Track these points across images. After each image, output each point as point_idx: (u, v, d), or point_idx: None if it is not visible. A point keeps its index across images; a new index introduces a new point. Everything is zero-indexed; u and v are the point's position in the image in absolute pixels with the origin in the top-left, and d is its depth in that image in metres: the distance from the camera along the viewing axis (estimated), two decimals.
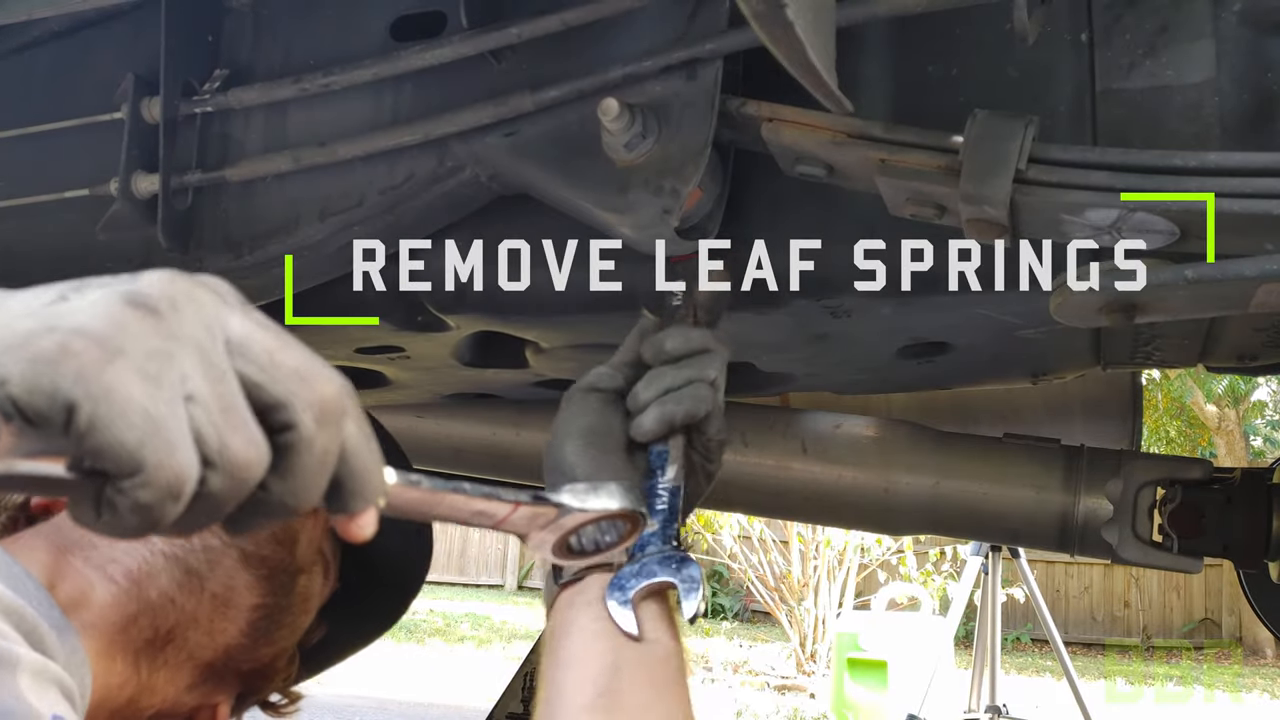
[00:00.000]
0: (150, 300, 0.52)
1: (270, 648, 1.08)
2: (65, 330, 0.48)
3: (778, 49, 0.83)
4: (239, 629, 1.03)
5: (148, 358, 0.50)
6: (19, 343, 0.48)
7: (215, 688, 1.07)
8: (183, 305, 0.53)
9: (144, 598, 0.96)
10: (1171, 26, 1.10)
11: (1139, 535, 1.68)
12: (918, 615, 8.09)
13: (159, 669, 0.99)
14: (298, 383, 0.55)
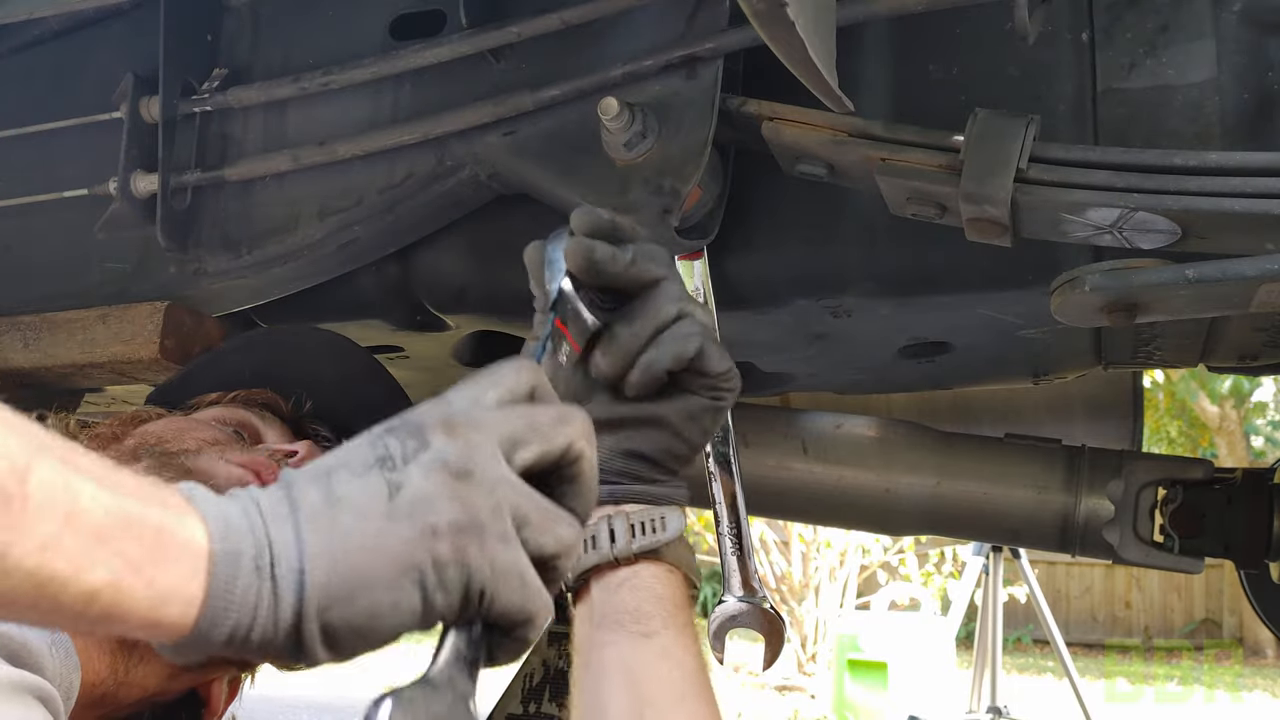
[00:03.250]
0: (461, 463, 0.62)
1: None
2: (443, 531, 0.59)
3: (778, 48, 0.83)
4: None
5: (494, 519, 0.61)
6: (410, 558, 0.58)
7: (202, 673, 1.07)
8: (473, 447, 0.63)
9: None
10: (1172, 26, 1.09)
11: (1140, 535, 1.67)
12: (918, 616, 8.10)
13: (136, 664, 0.99)
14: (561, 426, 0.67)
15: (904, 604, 8.71)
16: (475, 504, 0.61)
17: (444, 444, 0.62)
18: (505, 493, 0.63)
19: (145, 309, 1.39)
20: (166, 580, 0.53)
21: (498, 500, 0.62)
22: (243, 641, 0.55)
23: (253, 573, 0.55)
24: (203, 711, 1.11)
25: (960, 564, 8.20)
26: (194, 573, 0.54)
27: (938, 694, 6.74)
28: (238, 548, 0.55)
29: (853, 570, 9.65)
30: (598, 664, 0.85)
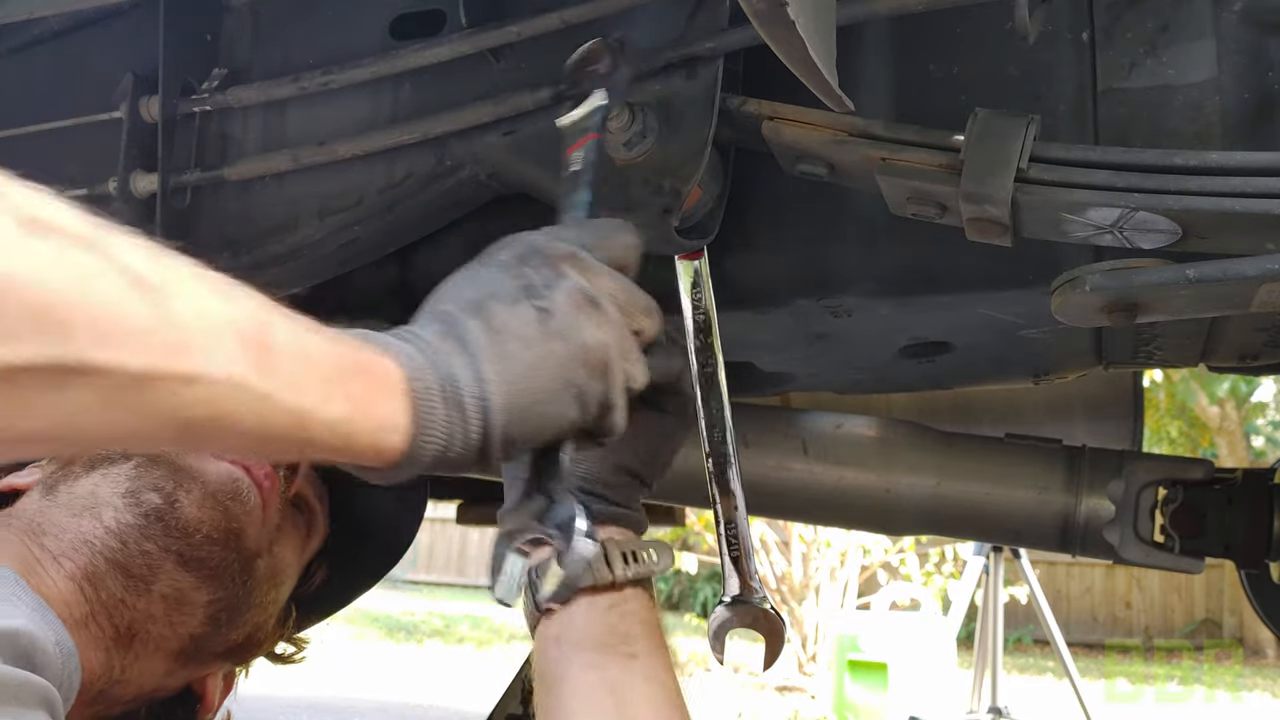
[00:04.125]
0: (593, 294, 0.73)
1: (241, 629, 1.09)
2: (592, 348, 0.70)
3: (778, 47, 0.83)
4: (198, 621, 1.04)
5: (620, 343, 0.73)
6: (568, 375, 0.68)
7: (197, 668, 1.08)
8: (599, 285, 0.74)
9: (96, 598, 0.98)
10: (1172, 26, 1.09)
11: (1140, 535, 1.67)
12: (919, 616, 8.09)
13: (131, 663, 1.00)
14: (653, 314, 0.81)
15: (904, 604, 8.70)
16: (608, 330, 0.72)
17: (576, 276, 0.73)
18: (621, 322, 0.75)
19: None
20: (383, 412, 0.62)
21: (619, 335, 0.73)
22: (441, 460, 0.65)
23: (442, 403, 0.64)
24: (198, 707, 1.12)
25: (960, 564, 8.20)
26: (402, 406, 0.63)
27: (938, 694, 6.74)
28: (428, 383, 0.64)
29: (853, 570, 9.65)
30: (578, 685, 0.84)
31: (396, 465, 0.64)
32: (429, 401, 0.64)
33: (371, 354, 0.63)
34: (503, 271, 0.72)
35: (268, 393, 0.55)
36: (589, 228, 0.82)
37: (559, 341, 0.69)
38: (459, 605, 14.48)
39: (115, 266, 0.51)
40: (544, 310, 0.69)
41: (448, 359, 0.66)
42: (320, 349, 0.59)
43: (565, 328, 0.70)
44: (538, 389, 0.68)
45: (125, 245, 0.53)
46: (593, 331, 0.71)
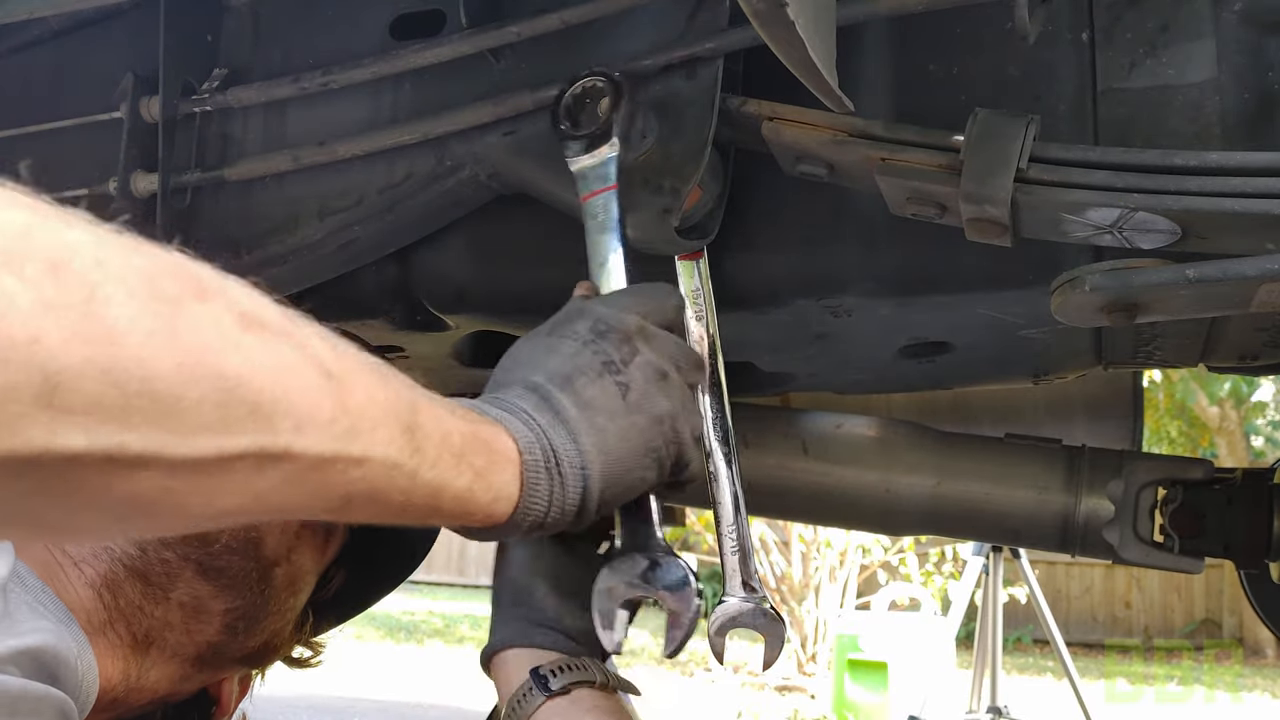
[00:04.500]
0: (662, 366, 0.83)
1: (258, 636, 1.09)
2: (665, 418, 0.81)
3: (778, 47, 0.83)
4: (215, 629, 1.04)
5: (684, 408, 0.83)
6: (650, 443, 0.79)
7: (213, 673, 1.08)
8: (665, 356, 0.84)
9: (114, 605, 0.98)
10: (1172, 26, 1.09)
11: (1140, 535, 1.67)
12: (918, 616, 8.09)
13: (148, 669, 1.00)
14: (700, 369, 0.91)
15: (904, 604, 8.69)
16: (675, 397, 0.82)
17: (647, 351, 0.82)
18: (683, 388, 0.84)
19: None
20: (499, 482, 0.70)
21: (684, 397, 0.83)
22: (539, 525, 0.74)
23: (546, 474, 0.73)
24: (213, 710, 1.12)
25: (960, 564, 8.20)
26: (513, 477, 0.71)
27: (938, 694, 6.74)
28: (536, 456, 0.72)
29: (853, 570, 9.65)
30: None
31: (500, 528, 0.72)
32: (535, 473, 0.72)
33: (491, 430, 0.71)
34: (583, 347, 0.81)
35: (415, 469, 0.62)
36: (642, 296, 0.92)
37: (639, 414, 0.79)
38: (459, 605, 14.48)
39: (309, 360, 0.55)
40: (624, 385, 0.79)
41: (549, 432, 0.74)
42: (454, 427, 0.67)
43: (642, 400, 0.80)
44: (626, 457, 0.77)
45: (314, 337, 0.58)
46: (663, 402, 0.81)
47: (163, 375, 0.46)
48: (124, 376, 0.45)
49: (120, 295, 0.46)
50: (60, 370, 0.43)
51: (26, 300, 0.42)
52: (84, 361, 0.43)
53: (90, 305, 0.44)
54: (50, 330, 0.42)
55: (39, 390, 0.42)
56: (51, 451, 0.43)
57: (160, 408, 0.46)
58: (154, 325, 0.46)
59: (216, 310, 0.50)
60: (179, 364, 0.47)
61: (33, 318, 0.42)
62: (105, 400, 0.44)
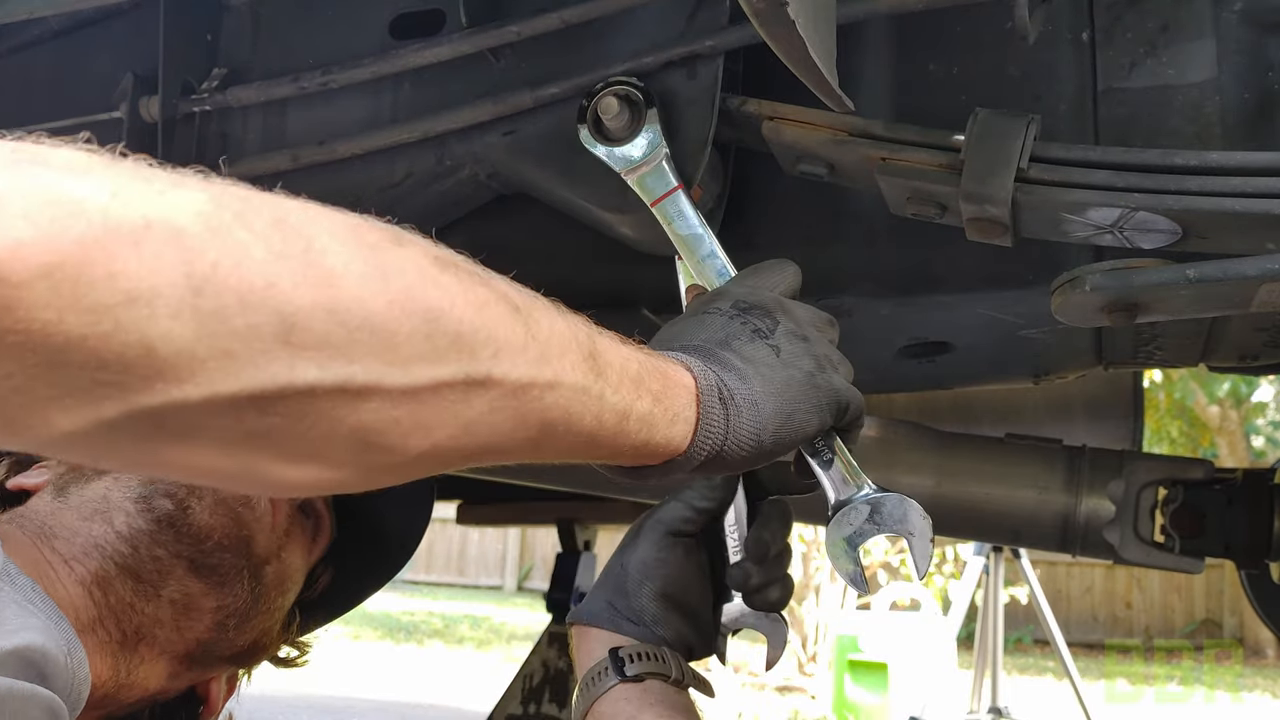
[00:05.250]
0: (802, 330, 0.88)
1: (248, 634, 1.09)
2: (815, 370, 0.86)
3: (778, 47, 0.83)
4: (206, 626, 1.04)
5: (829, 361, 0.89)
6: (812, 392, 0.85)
7: (201, 671, 1.08)
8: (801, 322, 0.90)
9: (105, 602, 0.98)
10: (1173, 26, 1.09)
11: (1141, 535, 1.67)
12: (919, 616, 8.09)
13: (137, 666, 1.00)
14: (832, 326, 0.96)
15: (904, 604, 8.69)
16: (819, 353, 0.88)
17: (786, 320, 0.88)
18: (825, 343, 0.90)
19: None
20: (676, 406, 0.73)
21: (825, 350, 0.89)
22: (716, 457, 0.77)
23: (720, 403, 0.76)
24: (201, 709, 1.12)
25: (960, 564, 8.20)
26: (689, 402, 0.75)
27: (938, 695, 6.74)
28: (711, 383, 0.76)
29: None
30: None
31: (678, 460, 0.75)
32: (710, 399, 0.76)
33: (666, 362, 0.75)
34: (731, 320, 0.87)
35: (601, 392, 0.66)
36: (766, 273, 0.98)
37: (794, 369, 0.84)
38: (459, 605, 14.48)
39: (498, 294, 0.61)
40: (774, 347, 0.85)
41: (721, 372, 0.79)
42: (630, 355, 0.71)
43: (792, 358, 0.85)
44: (793, 401, 0.82)
45: (497, 276, 0.63)
46: (809, 361, 0.86)
47: (378, 312, 0.51)
48: (346, 315, 0.50)
49: (334, 245, 0.51)
50: (294, 311, 0.48)
51: (260, 251, 0.47)
52: (312, 303, 0.49)
53: (309, 254, 0.50)
54: (283, 276, 0.48)
55: (277, 330, 0.48)
56: (293, 385, 0.49)
57: (378, 340, 0.51)
58: (365, 269, 0.52)
59: (414, 253, 0.55)
60: (390, 301, 0.52)
61: (267, 265, 0.47)
62: (333, 337, 0.50)
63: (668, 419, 0.73)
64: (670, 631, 1.07)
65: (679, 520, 1.10)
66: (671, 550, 1.09)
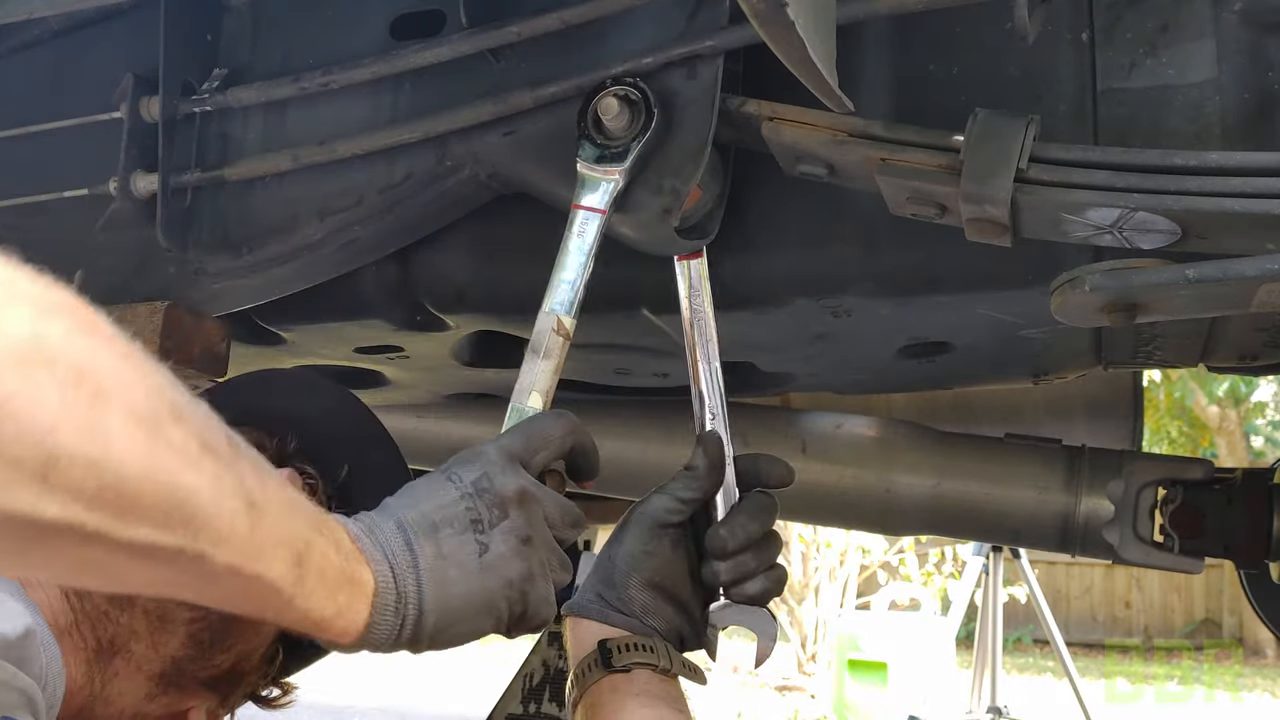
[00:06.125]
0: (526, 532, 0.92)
1: (226, 654, 1.09)
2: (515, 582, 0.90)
3: (778, 47, 0.83)
4: (180, 641, 1.05)
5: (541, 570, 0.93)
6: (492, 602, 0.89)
7: (179, 696, 1.08)
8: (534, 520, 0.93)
9: (81, 608, 1.00)
10: (1172, 26, 1.09)
11: (1140, 535, 1.67)
12: (918, 616, 8.09)
13: (111, 679, 1.01)
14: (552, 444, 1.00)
15: (904, 604, 8.69)
16: (532, 560, 0.91)
17: (517, 517, 0.92)
18: (548, 549, 0.94)
19: (145, 309, 1.39)
20: (353, 616, 0.81)
21: (543, 556, 0.93)
22: (378, 649, 0.84)
23: (392, 613, 0.83)
24: None
25: (960, 564, 8.20)
26: (365, 613, 0.82)
27: (938, 694, 6.74)
28: (387, 600, 0.83)
29: (853, 570, 9.65)
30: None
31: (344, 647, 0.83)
32: (383, 614, 0.83)
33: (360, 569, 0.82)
34: (460, 499, 0.91)
35: (292, 597, 0.73)
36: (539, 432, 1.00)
37: (490, 574, 0.89)
38: None
39: (242, 489, 0.66)
40: (483, 545, 0.89)
41: (404, 575, 0.85)
42: (334, 565, 0.78)
43: (496, 562, 0.89)
44: (465, 610, 0.88)
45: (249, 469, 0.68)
46: (518, 565, 0.90)
47: (132, 478, 0.57)
48: (104, 471, 0.55)
49: (121, 407, 0.56)
50: (60, 456, 0.53)
51: (53, 396, 0.52)
52: (80, 453, 0.53)
53: (94, 410, 0.54)
54: (65, 423, 0.52)
55: (38, 467, 0.52)
56: (29, 516, 0.53)
57: (122, 501, 0.57)
58: (138, 436, 0.57)
59: (185, 434, 0.61)
60: (146, 471, 0.58)
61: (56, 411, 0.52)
62: (85, 485, 0.54)
63: (343, 623, 0.80)
64: (660, 621, 1.09)
65: (664, 511, 1.10)
66: (658, 541, 1.10)
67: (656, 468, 1.93)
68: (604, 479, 1.09)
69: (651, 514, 1.11)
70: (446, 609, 0.86)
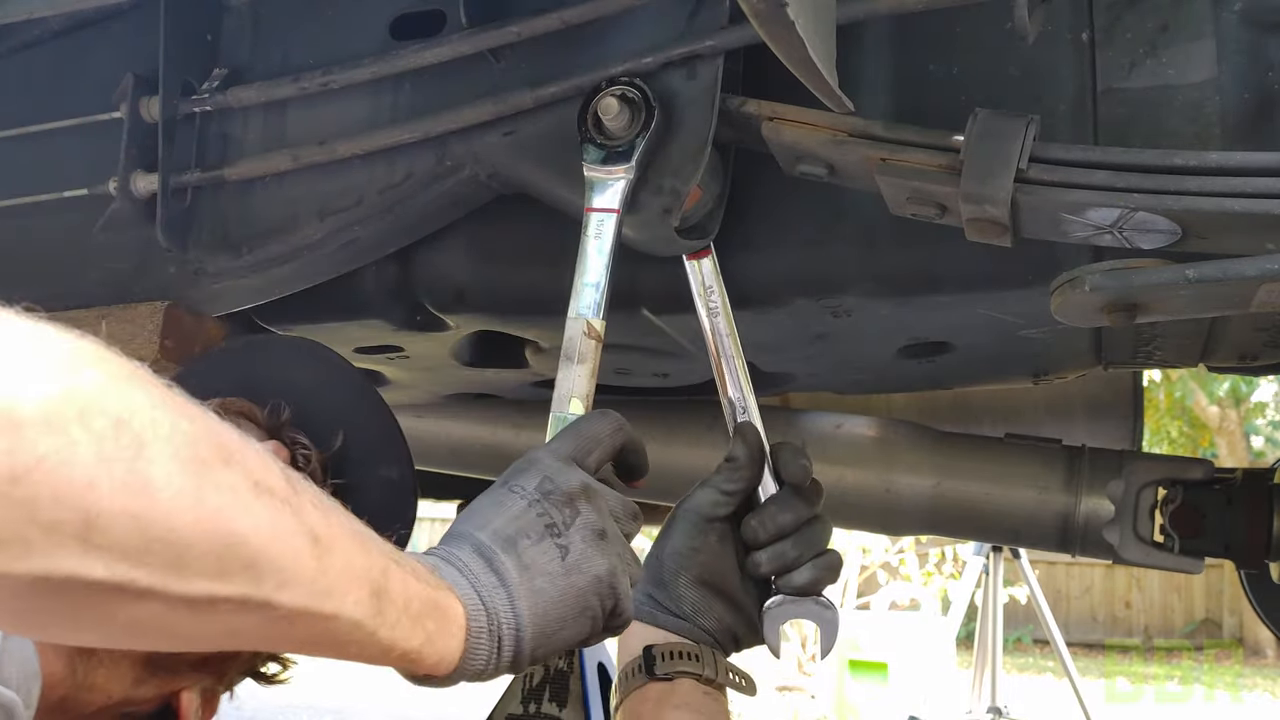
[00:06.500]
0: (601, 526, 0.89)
1: None
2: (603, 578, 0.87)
3: (778, 47, 0.83)
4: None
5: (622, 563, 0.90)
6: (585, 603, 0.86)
7: (168, 679, 1.05)
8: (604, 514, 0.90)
9: None
10: (1172, 26, 1.09)
11: (1140, 535, 1.67)
12: (918, 616, 8.09)
13: (95, 668, 0.98)
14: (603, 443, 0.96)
15: (904, 604, 8.69)
16: (612, 554, 0.89)
17: (588, 512, 0.89)
18: (621, 541, 0.91)
19: (145, 309, 1.39)
20: (445, 645, 0.77)
21: (620, 549, 0.90)
22: (479, 677, 0.81)
23: (488, 636, 0.80)
24: None
25: (960, 564, 8.19)
26: (459, 640, 0.78)
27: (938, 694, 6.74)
28: (481, 624, 0.79)
29: (853, 570, 9.64)
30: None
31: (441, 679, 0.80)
32: (478, 638, 0.79)
33: (445, 595, 0.78)
34: (529, 507, 0.87)
35: (374, 630, 0.69)
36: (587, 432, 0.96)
37: (578, 575, 0.86)
38: None
39: (303, 526, 0.63)
40: (564, 548, 0.86)
41: (492, 594, 0.81)
42: (416, 592, 0.74)
43: (581, 561, 0.86)
44: (561, 617, 0.84)
45: (309, 504, 0.65)
46: (601, 561, 0.87)
47: (180, 527, 0.54)
48: (149, 524, 0.53)
49: (163, 455, 0.54)
50: (100, 514, 0.51)
51: (89, 453, 0.50)
52: (121, 509, 0.51)
53: (136, 461, 0.52)
54: (102, 479, 0.50)
55: (79, 528, 0.50)
56: (75, 577, 0.51)
57: (172, 553, 0.54)
58: (184, 484, 0.55)
59: (236, 476, 0.58)
60: (196, 519, 0.55)
61: (90, 468, 0.50)
62: (130, 541, 0.52)
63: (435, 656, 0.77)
64: (711, 620, 1.07)
65: (709, 505, 1.10)
66: (705, 537, 1.09)
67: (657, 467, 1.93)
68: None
69: (696, 509, 1.10)
70: (544, 621, 0.83)
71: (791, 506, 1.11)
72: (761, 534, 1.09)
